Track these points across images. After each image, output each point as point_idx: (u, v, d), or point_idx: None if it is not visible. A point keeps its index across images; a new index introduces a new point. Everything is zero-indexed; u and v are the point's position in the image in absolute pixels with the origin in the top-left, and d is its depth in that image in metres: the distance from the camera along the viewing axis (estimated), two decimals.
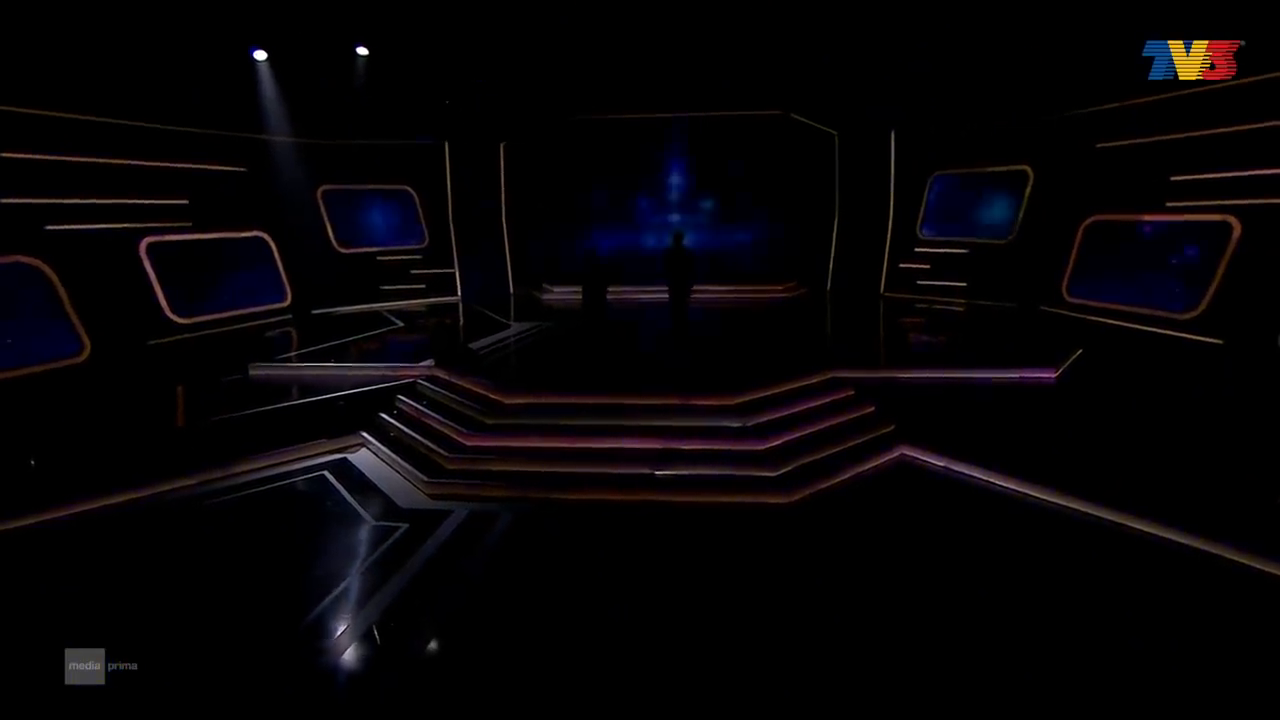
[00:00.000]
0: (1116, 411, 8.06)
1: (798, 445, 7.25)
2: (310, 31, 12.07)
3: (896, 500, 6.51)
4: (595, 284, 10.24)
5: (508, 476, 6.86)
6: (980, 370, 9.09)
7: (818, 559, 5.50)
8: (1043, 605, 4.72)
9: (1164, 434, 7.35)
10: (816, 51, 12.73)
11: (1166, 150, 11.42)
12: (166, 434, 7.93)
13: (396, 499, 6.61)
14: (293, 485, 6.97)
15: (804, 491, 6.52)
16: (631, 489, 6.60)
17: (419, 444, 7.53)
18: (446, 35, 11.96)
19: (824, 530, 5.97)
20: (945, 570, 5.23)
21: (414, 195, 16.81)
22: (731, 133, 17.95)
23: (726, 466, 6.85)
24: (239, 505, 6.52)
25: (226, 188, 13.31)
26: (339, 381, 9.34)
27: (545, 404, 7.90)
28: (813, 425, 7.61)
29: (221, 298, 13.15)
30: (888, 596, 4.89)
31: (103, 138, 11.22)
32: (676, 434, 7.26)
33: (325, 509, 6.46)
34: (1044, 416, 7.95)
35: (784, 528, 6.00)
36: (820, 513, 6.26)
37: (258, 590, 5.05)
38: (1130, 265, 12.07)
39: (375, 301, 16.05)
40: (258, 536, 5.98)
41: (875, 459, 7.27)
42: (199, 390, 9.30)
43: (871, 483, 6.92)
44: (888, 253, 16.36)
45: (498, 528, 6.05)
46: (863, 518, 6.18)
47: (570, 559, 5.57)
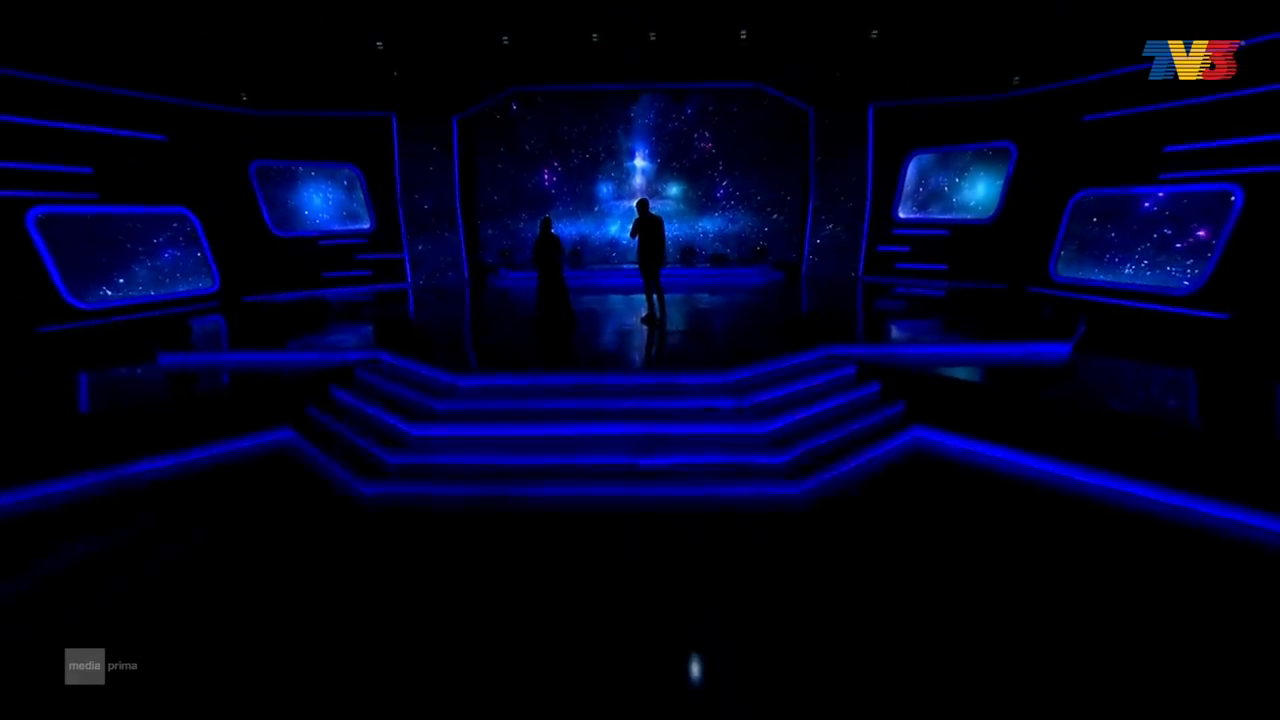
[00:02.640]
0: (1143, 387, 7.35)
1: (801, 428, 6.31)
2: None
3: (919, 489, 5.62)
4: (551, 262, 9.06)
5: (462, 473, 5.73)
6: (989, 345, 8.29)
7: (842, 565, 4.53)
8: (1111, 614, 3.85)
9: (1200, 409, 6.64)
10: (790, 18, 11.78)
11: (1157, 121, 10.91)
12: (38, 430, 6.53)
13: (326, 503, 5.43)
14: (197, 486, 5.72)
15: (814, 481, 5.57)
16: (613, 481, 5.55)
17: (354, 438, 6.33)
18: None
19: (843, 528, 5.01)
20: (993, 578, 4.33)
21: (359, 174, 15.39)
22: (701, 108, 17.05)
23: (723, 453, 5.85)
24: (113, 515, 5.24)
25: (142, 158, 11.73)
26: (266, 369, 8.02)
27: (507, 387, 6.78)
28: (815, 405, 6.67)
29: (137, 281, 11.57)
30: (936, 617, 3.95)
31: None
32: (662, 418, 6.23)
33: (229, 517, 5.24)
34: (1066, 393, 7.18)
35: (797, 527, 5.02)
36: (836, 506, 5.32)
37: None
38: (1123, 241, 11.53)
39: (316, 288, 14.62)
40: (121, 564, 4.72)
41: (887, 441, 6.40)
42: (94, 381, 7.85)
43: (887, 468, 6.05)
44: (866, 234, 15.64)
45: (449, 537, 4.94)
46: (884, 511, 5.26)
47: (536, 573, 4.47)
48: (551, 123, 17.26)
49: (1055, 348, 8.14)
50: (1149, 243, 11.13)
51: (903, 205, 15.39)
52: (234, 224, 13.43)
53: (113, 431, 6.20)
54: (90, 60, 10.72)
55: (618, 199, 18.00)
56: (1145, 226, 11.21)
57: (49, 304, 10.07)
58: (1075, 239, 12.40)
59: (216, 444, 6.38)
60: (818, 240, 16.24)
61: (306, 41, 12.10)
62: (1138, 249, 11.31)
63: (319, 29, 11.50)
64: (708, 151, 17.40)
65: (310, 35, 11.77)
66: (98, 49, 10.69)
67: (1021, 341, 8.25)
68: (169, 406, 6.70)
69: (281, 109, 14.22)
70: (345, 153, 15.15)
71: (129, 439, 6.11)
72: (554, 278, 9.11)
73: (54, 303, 10.13)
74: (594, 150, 17.58)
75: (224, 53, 12.02)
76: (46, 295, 10.05)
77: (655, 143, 17.55)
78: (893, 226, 15.45)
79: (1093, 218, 12.08)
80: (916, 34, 11.94)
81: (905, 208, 15.39)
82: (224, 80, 12.84)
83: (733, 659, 3.51)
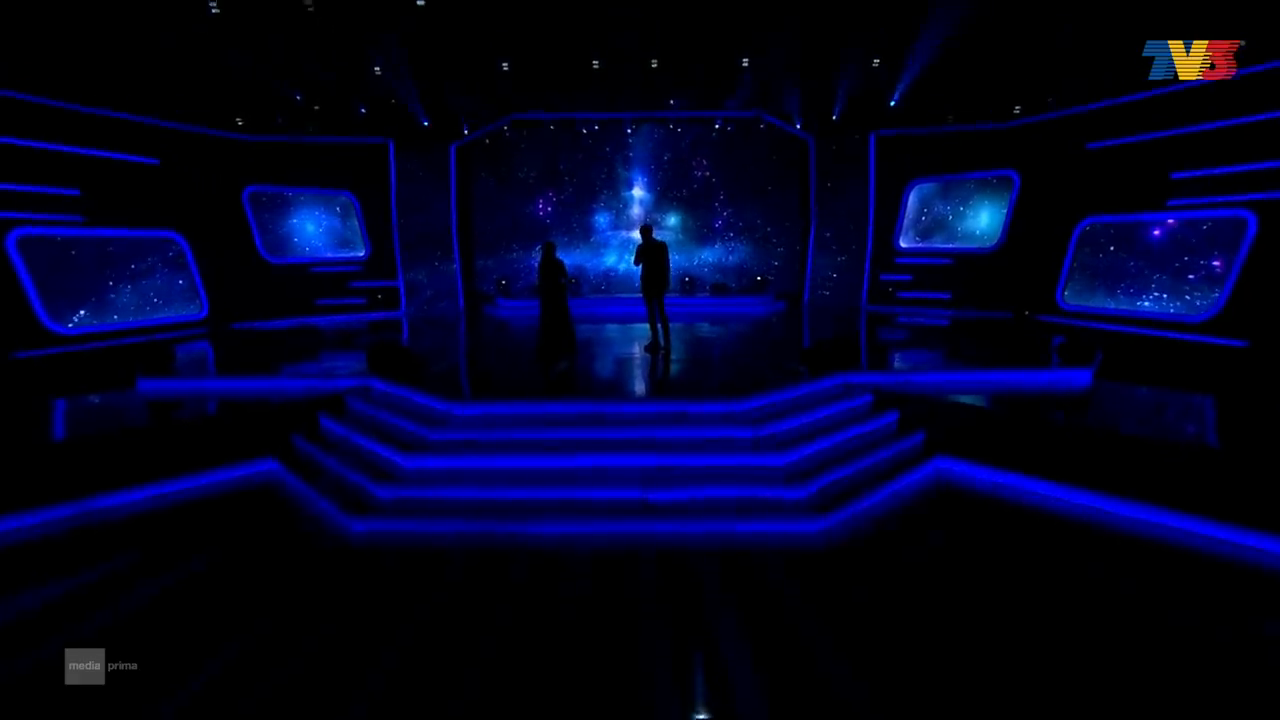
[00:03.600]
0: (1174, 415, 7.03)
1: (821, 459, 5.93)
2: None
3: (949, 525, 5.23)
4: (555, 287, 8.76)
5: (458, 508, 5.30)
6: (1008, 373, 7.97)
7: (876, 612, 4.10)
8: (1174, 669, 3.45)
9: (1244, 439, 6.30)
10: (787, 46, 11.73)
11: (1164, 148, 10.81)
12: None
13: (311, 542, 5.00)
14: (171, 522, 5.27)
15: (838, 516, 5.17)
16: (620, 516, 5.13)
17: (343, 470, 5.91)
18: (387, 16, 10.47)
19: (873, 569, 4.60)
20: (1044, 625, 3.92)
21: (355, 201, 15.16)
22: (700, 137, 16.99)
23: (738, 485, 5.45)
24: (76, 554, 4.77)
25: (133, 180, 11.45)
26: (251, 397, 7.60)
27: (506, 415, 6.39)
28: (833, 435, 6.30)
29: (121, 306, 11.18)
30: (981, 671, 3.53)
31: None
32: (672, 448, 5.84)
33: (204, 558, 4.78)
34: (1096, 421, 6.84)
35: (823, 568, 4.60)
36: (863, 544, 4.91)
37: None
38: (1132, 268, 11.34)
39: (308, 315, 14.26)
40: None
41: (910, 473, 6.02)
42: (65, 408, 7.40)
43: (912, 501, 5.68)
44: (869, 264, 15.46)
45: (444, 578, 4.50)
46: (914, 549, 4.86)
47: (538, 618, 4.03)
48: (549, 152, 17.17)
49: (1076, 375, 7.81)
50: (1159, 270, 10.94)
51: (905, 234, 15.25)
52: (225, 249, 13.11)
53: (80, 463, 5.76)
54: (85, 83, 10.52)
55: (615, 229, 17.83)
56: (1155, 253, 11.03)
57: (26, 329, 9.65)
58: (1082, 267, 12.22)
59: (193, 476, 5.93)
60: (819, 270, 16.06)
61: (305, 68, 11.94)
62: (1148, 276, 11.11)
63: (318, 55, 11.36)
64: (707, 181, 17.31)
65: (309, 62, 11.63)
66: (93, 73, 10.49)
67: (1042, 369, 7.94)
68: (144, 436, 6.26)
69: (277, 134, 14.04)
70: (341, 179, 14.94)
71: (98, 471, 5.67)
72: (557, 304, 8.78)
73: (31, 327, 9.71)
74: (591, 180, 17.46)
75: (221, 78, 11.85)
76: (23, 319, 9.64)
77: (653, 172, 17.46)
78: (895, 255, 15.29)
79: (1100, 245, 11.92)
80: (919, 63, 11.90)
81: (907, 237, 15.25)
82: (219, 105, 12.66)
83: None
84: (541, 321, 8.87)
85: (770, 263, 17.28)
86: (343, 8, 9.70)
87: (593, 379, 7.79)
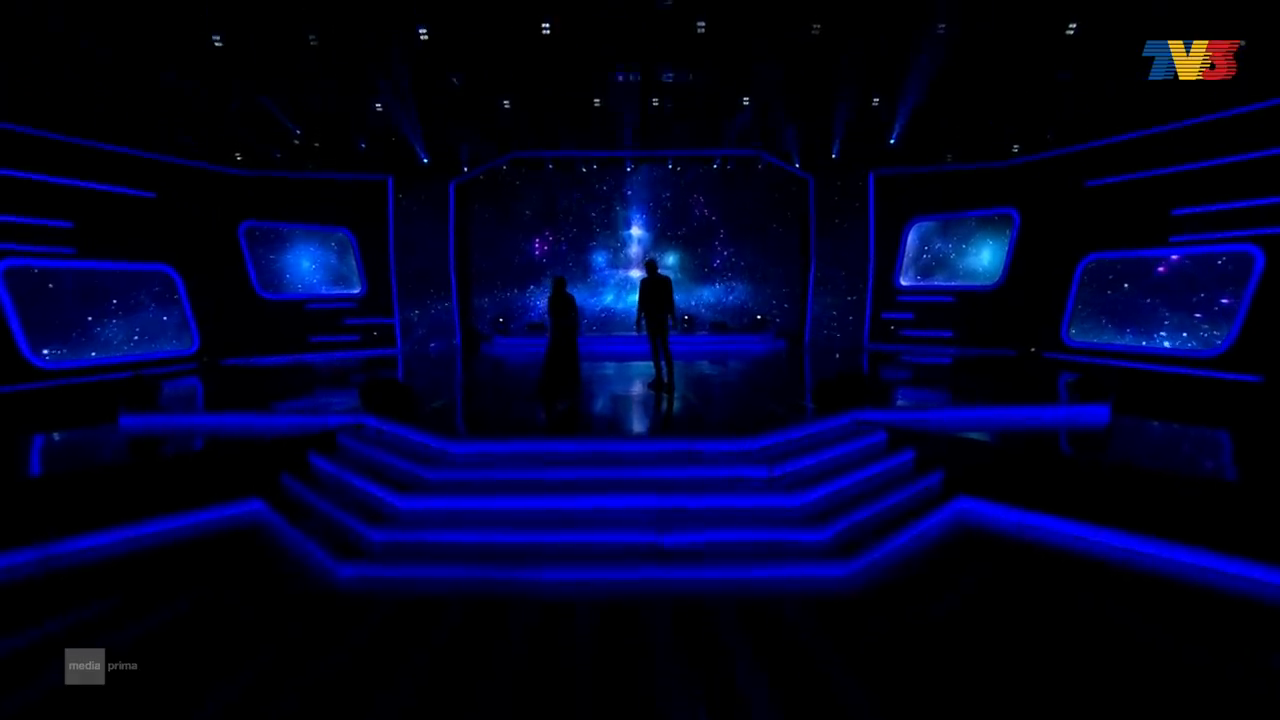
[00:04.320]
0: (1201, 451, 6.77)
1: (839, 500, 5.63)
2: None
3: (977, 569, 4.91)
4: (564, 323, 8.55)
5: (456, 552, 4.96)
6: (1024, 409, 7.74)
7: (913, 665, 3.76)
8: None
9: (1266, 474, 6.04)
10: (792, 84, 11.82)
11: (1164, 185, 10.85)
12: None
13: (298, 589, 4.63)
14: (146, 567, 4.89)
15: (862, 560, 4.86)
16: (632, 562, 4.79)
17: (334, 510, 5.56)
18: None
19: (903, 616, 4.26)
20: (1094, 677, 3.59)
21: (352, 238, 15.03)
22: (700, 176, 17.07)
23: (755, 528, 5.13)
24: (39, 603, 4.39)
25: (127, 214, 11.28)
26: (238, 434, 7.27)
27: (507, 454, 6.08)
28: (850, 475, 6.01)
29: (109, 340, 10.88)
30: None
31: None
32: (684, 489, 5.53)
33: (180, 606, 4.41)
34: (1122, 457, 6.58)
35: (849, 616, 4.26)
36: (889, 590, 4.58)
37: None
38: (1138, 304, 11.25)
39: (301, 353, 13.97)
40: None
41: (932, 514, 5.73)
42: (40, 444, 7.03)
43: (936, 544, 5.37)
44: (870, 302, 15.37)
45: (441, 628, 4.14)
46: (944, 594, 4.53)
47: (544, 673, 3.67)
48: (548, 190, 17.19)
49: (1094, 411, 7.59)
50: (1166, 305, 10.85)
51: (906, 272, 15.21)
52: (218, 284, 12.90)
53: (52, 502, 5.39)
54: (85, 117, 10.42)
55: (613, 268, 17.77)
56: (1160, 289, 10.95)
57: (8, 362, 9.32)
58: (1087, 303, 12.14)
59: (174, 517, 5.57)
60: (820, 308, 15.95)
61: (306, 103, 11.93)
62: (1155, 312, 11.01)
63: (320, 91, 11.36)
64: (706, 219, 17.33)
65: (311, 97, 11.62)
66: (93, 107, 10.39)
67: (1059, 405, 7.71)
68: (123, 474, 5.89)
69: (275, 169, 13.98)
70: (338, 215, 14.85)
71: (72, 511, 5.30)
72: (565, 340, 8.54)
73: (13, 361, 9.38)
74: (590, 218, 17.46)
75: (220, 113, 11.80)
76: (5, 352, 9.32)
77: (652, 210, 17.49)
78: (896, 294, 15.22)
79: (1104, 281, 11.86)
80: (916, 101, 11.99)
81: (908, 275, 15.21)
82: (219, 140, 12.59)
83: None
84: (547, 357, 8.62)
85: (770, 301, 17.19)
86: (346, 43, 9.70)
87: (596, 417, 7.51)
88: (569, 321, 8.60)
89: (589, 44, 10.19)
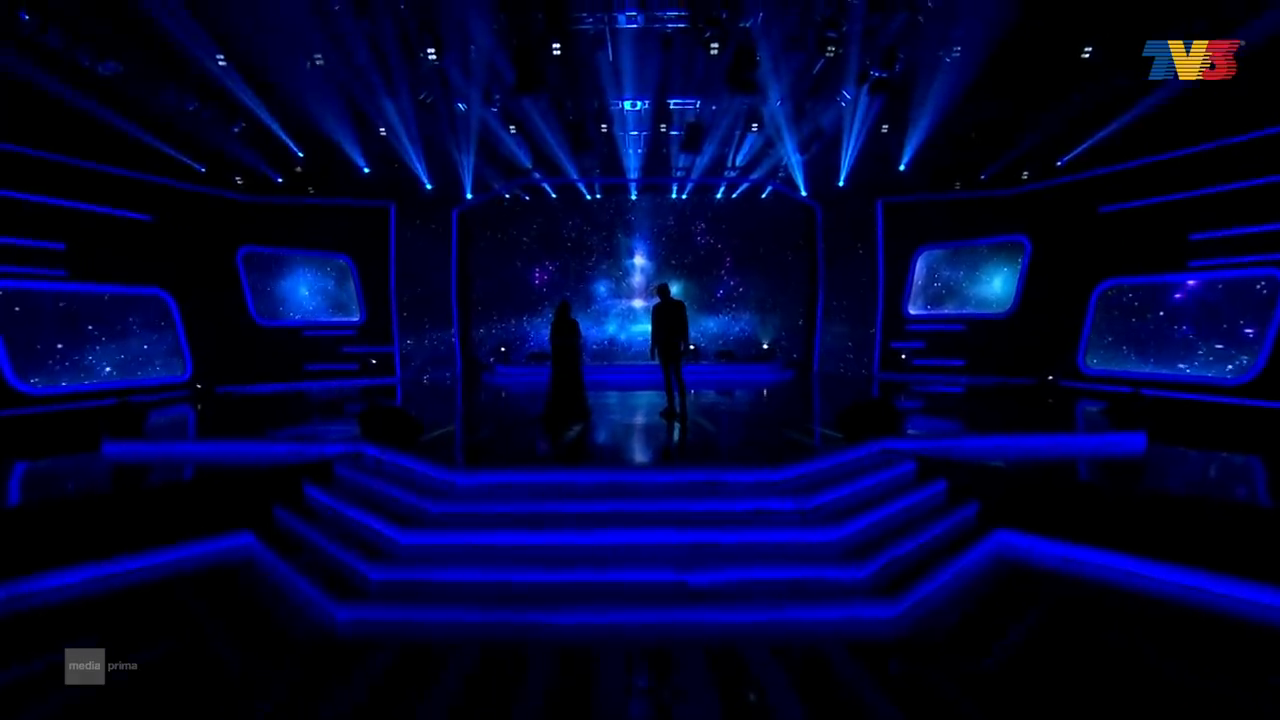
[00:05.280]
0: (1251, 481, 6.40)
1: (875, 534, 5.24)
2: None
3: (1025, 607, 4.53)
4: (568, 348, 8.23)
5: (463, 593, 4.54)
6: (1055, 437, 7.38)
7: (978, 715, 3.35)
8: None
9: None
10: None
11: (1180, 210, 10.66)
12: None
13: (291, 633, 4.20)
14: (124, 607, 4.45)
15: (907, 600, 4.45)
16: (656, 604, 4.38)
17: (330, 546, 5.15)
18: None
19: (963, 664, 3.85)
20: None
21: (351, 264, 14.77)
22: (704, 204, 16.94)
23: (789, 565, 4.73)
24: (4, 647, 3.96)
25: (123, 236, 10.99)
26: (229, 463, 6.84)
27: (516, 485, 5.68)
28: (882, 507, 5.63)
29: (98, 366, 10.50)
30: None
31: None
32: (708, 522, 5.14)
33: (159, 651, 3.97)
34: (1169, 487, 6.20)
35: (903, 662, 3.86)
36: (943, 634, 4.18)
37: None
38: (1156, 330, 10.99)
39: (297, 381, 13.59)
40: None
41: (973, 548, 5.34)
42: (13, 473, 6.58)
43: (979, 580, 5.01)
44: (880, 330, 15.10)
45: (451, 677, 3.71)
46: (1003, 639, 4.13)
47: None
48: (551, 218, 17.03)
49: (1130, 438, 7.24)
50: (1186, 331, 10.58)
51: (915, 300, 14.98)
52: (214, 310, 12.55)
53: (21, 535, 4.95)
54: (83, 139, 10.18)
55: (616, 297, 17.53)
56: (1180, 315, 10.70)
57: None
58: (1103, 330, 11.88)
59: (154, 552, 5.15)
60: (829, 337, 15.68)
61: (310, 125, 11.77)
62: (1173, 337, 10.74)
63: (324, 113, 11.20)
64: (711, 247, 17.15)
65: (315, 119, 11.45)
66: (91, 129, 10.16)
67: (1091, 433, 7.36)
68: (99, 504, 5.46)
69: (276, 195, 13.77)
70: (339, 242, 14.60)
71: (44, 545, 4.88)
72: (570, 366, 8.21)
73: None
74: (593, 246, 17.27)
75: (223, 136, 11.62)
76: None
77: (656, 239, 17.32)
78: (906, 322, 14.96)
79: (1120, 308, 11.61)
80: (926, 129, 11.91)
81: (917, 303, 14.97)
82: (219, 163, 12.39)
83: None
84: (552, 384, 8.27)
85: (777, 330, 16.93)
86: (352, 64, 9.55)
87: (608, 446, 7.12)
88: (572, 345, 8.28)
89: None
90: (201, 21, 8.34)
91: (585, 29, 8.77)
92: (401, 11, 8.30)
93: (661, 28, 8.95)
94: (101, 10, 7.92)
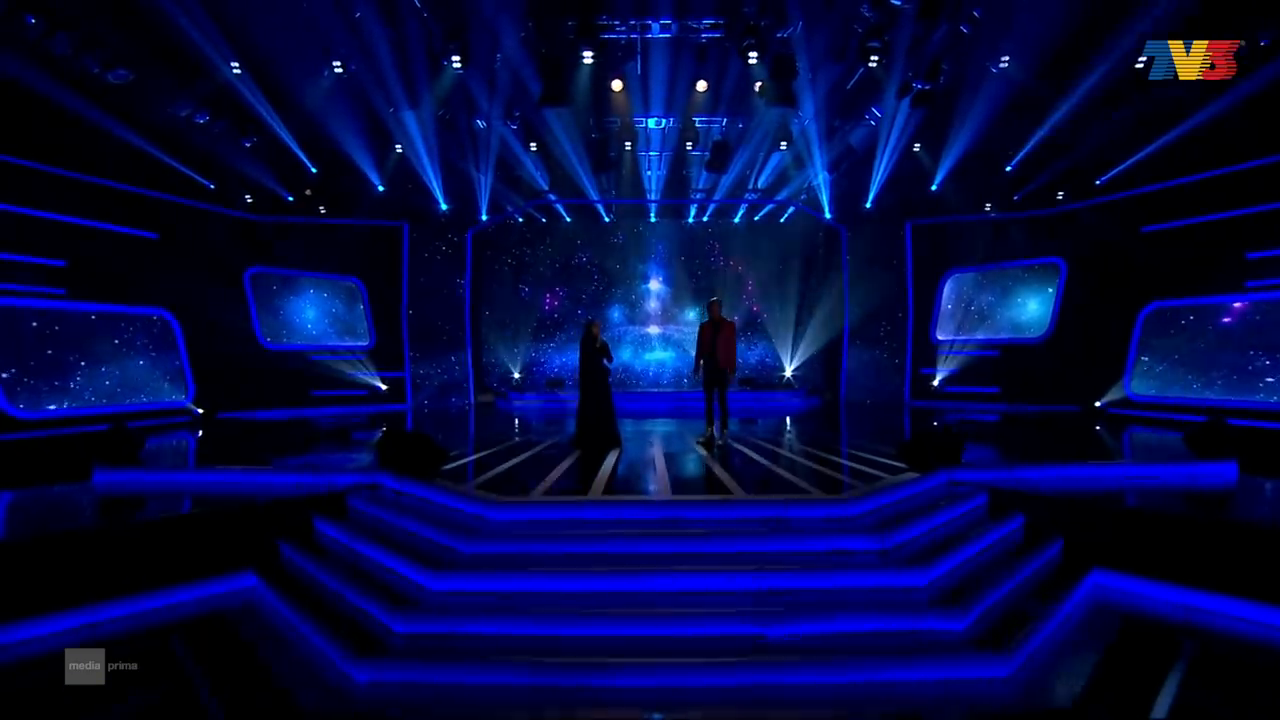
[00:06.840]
0: None
1: (965, 577, 4.61)
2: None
3: (1150, 663, 3.87)
4: (596, 370, 7.68)
5: (504, 647, 3.90)
6: (1131, 467, 6.77)
7: None
8: None
9: None
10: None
11: (1235, 227, 10.17)
12: None
13: (299, 696, 3.56)
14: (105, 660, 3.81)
15: (1019, 655, 3.81)
16: (728, 662, 3.73)
17: (344, 589, 4.52)
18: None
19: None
20: None
21: (362, 287, 14.31)
22: (728, 226, 16.54)
23: (875, 614, 4.09)
24: None
25: (127, 254, 10.54)
26: (230, 494, 6.23)
27: (558, 520, 5.07)
28: (966, 546, 5.00)
29: (95, 389, 9.95)
30: None
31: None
32: (777, 565, 4.51)
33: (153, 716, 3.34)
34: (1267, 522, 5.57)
35: None
36: (1068, 701, 3.52)
37: None
38: (1211, 355, 10.40)
39: (304, 407, 13.01)
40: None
41: (1071, 592, 4.69)
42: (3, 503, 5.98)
43: (1087, 629, 4.35)
44: (910, 357, 14.55)
45: None
46: (1143, 705, 3.47)
47: None
48: (568, 241, 16.64)
49: (1221, 468, 6.61)
50: (1243, 354, 9.99)
51: (944, 325, 14.46)
52: (219, 332, 12.04)
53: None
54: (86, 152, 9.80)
55: (632, 323, 17.09)
56: (1238, 337, 10.12)
57: None
58: (1151, 354, 11.30)
59: (142, 597, 4.53)
60: (856, 363, 15.14)
61: (323, 142, 11.42)
62: (1229, 361, 10.15)
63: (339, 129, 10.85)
64: (733, 271, 16.71)
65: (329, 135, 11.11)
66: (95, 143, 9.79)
67: (1175, 462, 6.74)
68: (81, 541, 4.84)
69: (286, 214, 13.37)
70: (349, 264, 14.17)
71: (16, 589, 4.26)
72: (598, 389, 7.65)
73: None
74: (610, 270, 16.85)
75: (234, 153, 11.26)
76: None
77: (676, 262, 16.89)
78: (937, 348, 14.42)
79: (1169, 331, 11.05)
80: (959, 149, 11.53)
81: (946, 328, 14.44)
82: (228, 181, 12.01)
83: None
84: (580, 409, 7.70)
85: (801, 357, 16.39)
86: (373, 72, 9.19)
87: (651, 478, 6.50)
88: (600, 369, 7.72)
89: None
90: (218, 24, 7.99)
91: (617, 37, 8.40)
92: (427, 17, 7.94)
93: (696, 38, 8.59)
94: (119, 11, 7.55)
